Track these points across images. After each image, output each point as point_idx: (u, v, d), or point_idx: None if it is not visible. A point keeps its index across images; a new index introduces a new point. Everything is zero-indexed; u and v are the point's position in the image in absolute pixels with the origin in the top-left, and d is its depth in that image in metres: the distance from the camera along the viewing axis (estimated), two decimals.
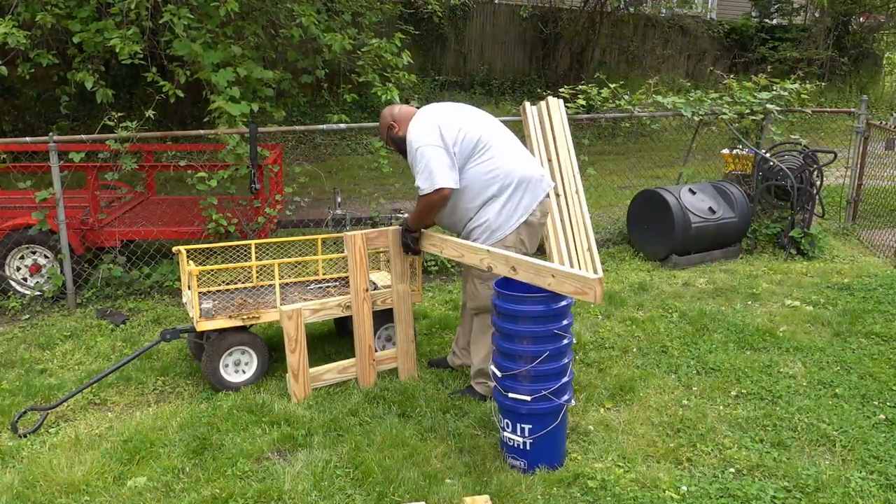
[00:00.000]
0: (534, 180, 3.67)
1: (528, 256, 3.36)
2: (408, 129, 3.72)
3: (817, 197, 6.38)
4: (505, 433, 3.23)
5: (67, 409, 3.83)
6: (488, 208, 3.63)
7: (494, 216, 3.61)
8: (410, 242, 3.86)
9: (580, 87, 6.64)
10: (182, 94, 5.50)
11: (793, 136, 6.93)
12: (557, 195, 5.69)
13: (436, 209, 3.66)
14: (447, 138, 3.59)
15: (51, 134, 5.24)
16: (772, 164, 6.45)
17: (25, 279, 5.48)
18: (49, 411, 3.73)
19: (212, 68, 5.48)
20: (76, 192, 5.99)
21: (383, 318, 4.21)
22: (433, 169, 3.54)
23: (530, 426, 3.13)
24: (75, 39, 5.48)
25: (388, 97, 6.12)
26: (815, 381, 3.97)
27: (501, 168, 3.61)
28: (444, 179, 3.53)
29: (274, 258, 4.60)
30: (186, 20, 5.34)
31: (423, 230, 3.87)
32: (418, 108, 3.88)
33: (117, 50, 5.19)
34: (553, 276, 3.04)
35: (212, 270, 4.43)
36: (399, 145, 3.81)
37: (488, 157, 3.62)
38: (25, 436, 3.56)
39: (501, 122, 4.01)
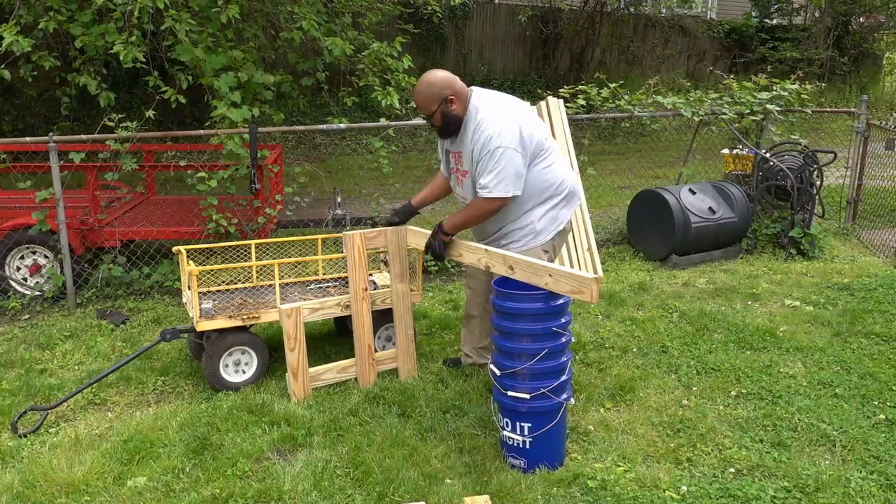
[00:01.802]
0: (577, 192, 3.72)
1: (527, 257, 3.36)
2: (481, 117, 3.43)
3: (817, 197, 6.38)
4: (504, 432, 3.23)
5: (67, 409, 3.83)
6: (534, 212, 3.57)
7: (538, 220, 3.57)
8: (439, 247, 3.65)
9: (580, 87, 6.64)
10: (184, 100, 5.51)
11: (793, 136, 6.92)
12: None
13: (489, 215, 3.53)
14: (525, 141, 3.43)
15: (51, 134, 5.24)
16: (772, 164, 6.45)
17: (25, 279, 5.48)
18: (49, 411, 3.73)
19: (213, 73, 5.49)
20: (76, 192, 5.99)
21: (383, 317, 4.21)
22: (510, 175, 3.39)
23: (530, 425, 3.13)
24: (77, 43, 5.49)
25: (388, 101, 6.13)
26: (815, 381, 3.97)
27: (557, 175, 3.58)
28: (517, 187, 3.44)
29: (274, 258, 4.60)
30: (188, 25, 5.34)
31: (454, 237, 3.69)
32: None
33: (121, 57, 5.20)
34: (550, 276, 3.05)
35: (212, 270, 4.44)
36: (451, 123, 3.53)
37: (548, 162, 3.55)
38: (25, 436, 3.56)
39: None
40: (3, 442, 3.52)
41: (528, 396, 3.10)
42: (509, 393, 3.16)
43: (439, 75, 3.51)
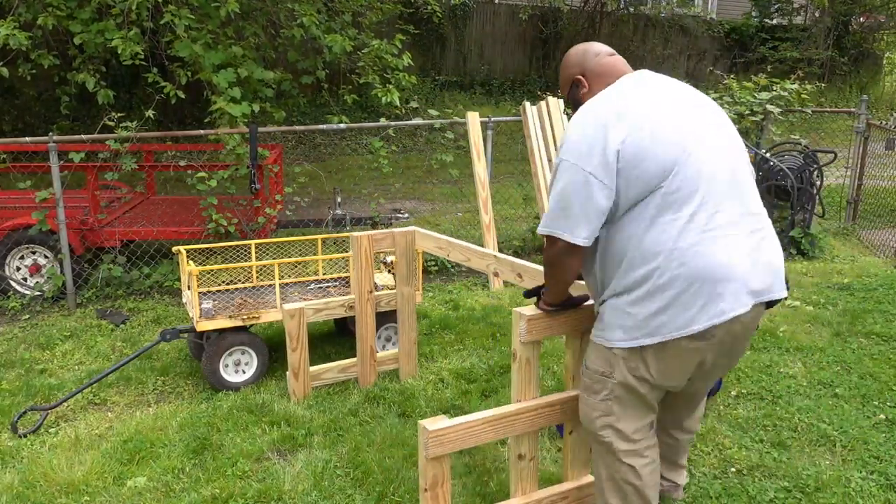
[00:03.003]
0: (712, 279, 2.15)
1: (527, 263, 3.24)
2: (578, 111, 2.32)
3: (817, 197, 6.38)
4: None
5: (67, 409, 3.83)
6: (610, 288, 2.32)
7: (608, 301, 2.33)
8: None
9: None
10: (183, 95, 5.51)
11: (793, 136, 6.93)
12: None
13: (555, 262, 2.36)
14: (610, 157, 2.20)
15: (51, 134, 5.25)
16: (772, 164, 6.45)
17: (25, 279, 5.48)
18: (49, 411, 3.73)
19: (212, 69, 5.49)
20: (76, 192, 6.00)
21: (383, 318, 4.21)
22: (564, 205, 2.26)
23: None
24: (76, 41, 5.49)
25: (389, 99, 6.13)
26: (815, 381, 3.97)
27: (667, 239, 2.18)
28: (575, 229, 2.26)
29: (274, 258, 4.61)
30: (187, 21, 5.34)
31: None
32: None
33: (119, 51, 5.19)
34: None
35: (212, 270, 4.44)
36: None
37: (674, 214, 2.20)
38: (25, 436, 3.56)
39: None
40: (3, 442, 3.52)
41: None
42: None
43: (574, 50, 2.48)
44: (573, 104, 2.47)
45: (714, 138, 2.24)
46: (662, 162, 2.12)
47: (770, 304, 2.26)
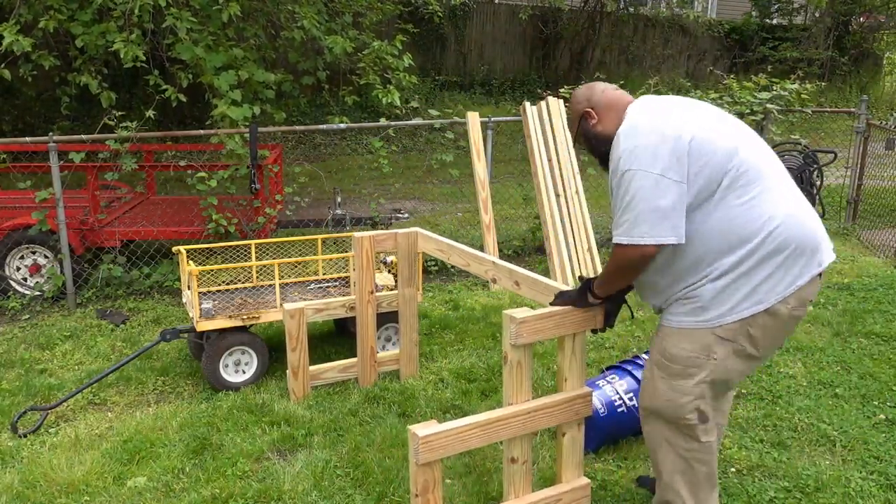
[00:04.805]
0: (806, 246, 2.35)
1: (531, 274, 2.90)
2: (621, 129, 2.40)
3: (817, 197, 6.38)
4: None
5: (67, 409, 3.83)
6: (706, 272, 2.36)
7: (708, 284, 2.36)
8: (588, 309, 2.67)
9: None
10: (184, 99, 5.51)
11: (793, 136, 6.93)
12: (557, 195, 5.70)
13: (632, 270, 2.42)
14: (681, 160, 2.34)
15: (51, 134, 5.25)
16: None
17: (25, 279, 5.48)
18: (49, 411, 3.73)
19: (214, 71, 5.49)
20: (76, 192, 6.00)
21: (383, 318, 4.20)
22: (644, 211, 2.33)
23: None
24: (78, 43, 5.49)
25: (389, 100, 6.14)
26: (815, 381, 3.97)
27: (758, 215, 2.34)
28: (664, 231, 2.30)
29: (274, 258, 4.61)
30: (189, 24, 5.34)
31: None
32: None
33: (121, 55, 5.19)
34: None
35: (212, 270, 4.44)
36: (594, 147, 2.57)
37: (748, 193, 2.36)
38: (25, 436, 3.56)
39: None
40: (3, 442, 3.52)
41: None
42: None
43: (579, 89, 2.64)
44: (584, 137, 2.59)
45: (746, 131, 2.48)
46: (726, 147, 2.31)
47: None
